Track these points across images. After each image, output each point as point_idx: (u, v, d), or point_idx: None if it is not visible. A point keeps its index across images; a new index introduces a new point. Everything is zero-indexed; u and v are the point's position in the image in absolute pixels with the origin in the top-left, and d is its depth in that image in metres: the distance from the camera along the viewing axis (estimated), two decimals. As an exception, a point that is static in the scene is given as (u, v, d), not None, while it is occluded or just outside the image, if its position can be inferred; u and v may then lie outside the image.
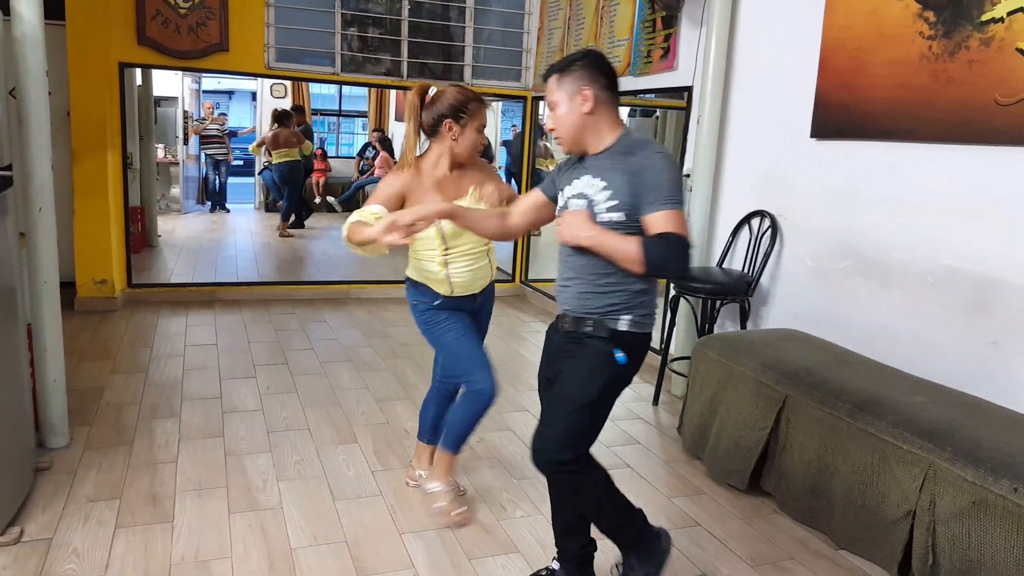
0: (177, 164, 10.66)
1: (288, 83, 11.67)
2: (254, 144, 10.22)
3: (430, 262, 2.66)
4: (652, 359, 4.73)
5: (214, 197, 10.96)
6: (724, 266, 4.10)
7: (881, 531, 2.58)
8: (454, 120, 2.58)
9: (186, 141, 10.86)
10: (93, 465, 3.09)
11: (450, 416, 2.82)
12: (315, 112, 12.81)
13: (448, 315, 2.73)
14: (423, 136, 2.67)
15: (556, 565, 2.39)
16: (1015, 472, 2.20)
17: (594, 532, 2.32)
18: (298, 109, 10.76)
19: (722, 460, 3.21)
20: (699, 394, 3.42)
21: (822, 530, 2.85)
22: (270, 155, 9.40)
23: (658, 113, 7.56)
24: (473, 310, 2.80)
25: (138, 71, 6.93)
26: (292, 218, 9.33)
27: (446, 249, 2.63)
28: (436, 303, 2.71)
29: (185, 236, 8.75)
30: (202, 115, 11.04)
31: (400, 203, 2.57)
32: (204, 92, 12.27)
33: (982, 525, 2.26)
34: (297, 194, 9.48)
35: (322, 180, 11.26)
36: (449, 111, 2.59)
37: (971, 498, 2.28)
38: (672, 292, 4.03)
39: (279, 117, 9.21)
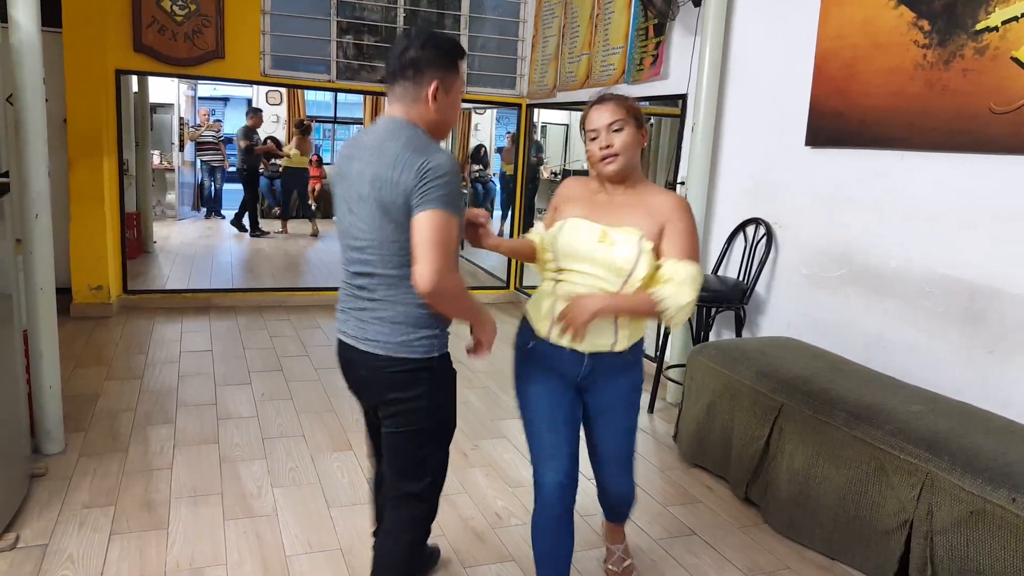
0: (173, 170, 10.66)
1: (283, 90, 11.70)
2: (289, 149, 10.49)
3: (545, 282, 2.19)
4: (648, 366, 4.74)
5: (209, 203, 10.96)
6: (719, 274, 4.11)
7: (875, 541, 2.58)
8: None
9: (182, 147, 10.85)
10: (88, 471, 3.08)
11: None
12: (310, 119, 12.82)
13: (536, 371, 2.17)
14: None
15: None
16: (1013, 482, 2.21)
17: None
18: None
19: (732, 470, 3.21)
20: (695, 402, 3.42)
21: (801, 543, 2.84)
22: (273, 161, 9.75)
23: (652, 121, 7.59)
24: (575, 379, 2.14)
25: (134, 78, 6.93)
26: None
27: (558, 270, 2.12)
28: (528, 345, 2.18)
29: (180, 242, 8.74)
30: (198, 122, 11.04)
31: None
32: (200, 99, 12.26)
33: (981, 535, 2.26)
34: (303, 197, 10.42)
35: (318, 187, 11.26)
36: None
37: (969, 508, 2.28)
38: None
39: (304, 128, 10.33)
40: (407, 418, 1.90)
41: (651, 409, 4.17)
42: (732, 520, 3.01)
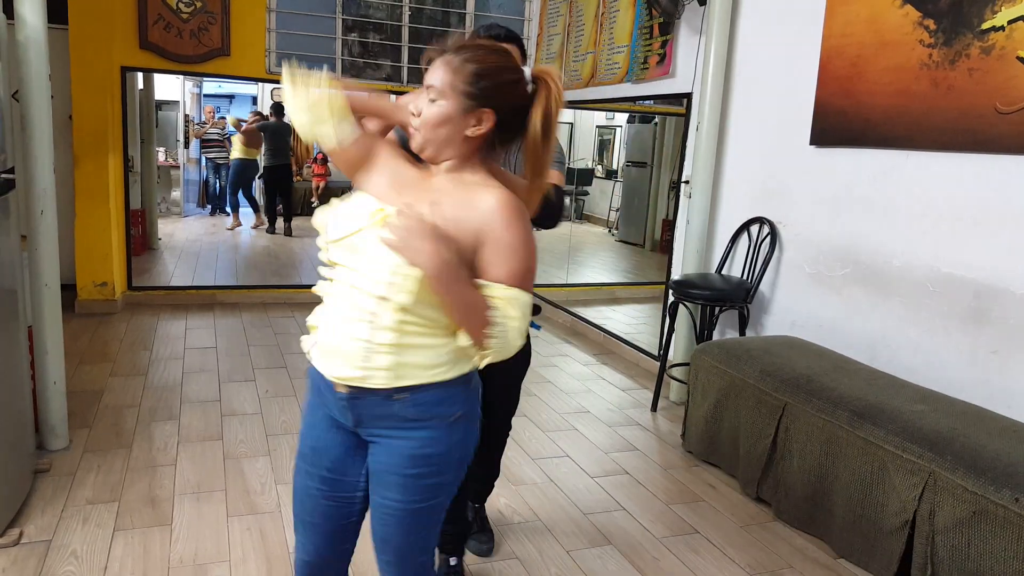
0: (178, 167, 10.69)
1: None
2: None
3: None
4: (651, 365, 4.74)
5: (214, 200, 10.98)
6: (723, 273, 4.11)
7: (878, 541, 2.58)
8: None
9: (187, 145, 10.88)
10: (92, 467, 3.09)
11: None
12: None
13: (309, 407, 1.60)
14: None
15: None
16: (1016, 482, 2.20)
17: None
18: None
19: (742, 468, 3.22)
20: (701, 401, 3.42)
21: (822, 537, 2.85)
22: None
23: (656, 120, 7.58)
24: (345, 423, 1.53)
25: (140, 75, 6.94)
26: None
27: (329, 261, 1.51)
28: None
29: (185, 239, 8.77)
30: (203, 119, 11.06)
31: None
32: (205, 96, 12.28)
33: (982, 535, 2.26)
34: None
35: (322, 184, 11.27)
36: None
37: (971, 508, 2.28)
38: (671, 298, 4.04)
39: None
40: None
41: (654, 408, 4.17)
42: (735, 518, 3.01)
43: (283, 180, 9.76)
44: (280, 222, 9.76)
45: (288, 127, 9.84)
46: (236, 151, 9.79)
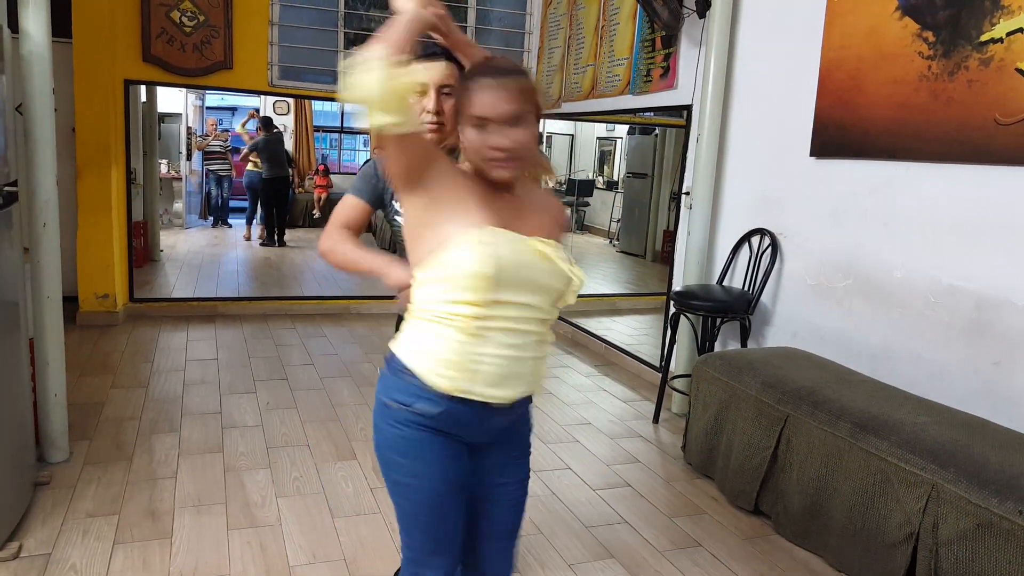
0: (180, 180, 10.72)
1: (291, 100, 11.76)
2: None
3: (448, 321, 1.48)
4: (653, 376, 4.73)
5: (216, 212, 11.01)
6: (724, 284, 4.11)
7: (881, 554, 2.56)
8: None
9: (189, 157, 10.91)
10: (92, 480, 3.08)
11: None
12: (317, 129, 12.89)
13: (429, 444, 1.54)
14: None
15: None
16: (1020, 494, 2.19)
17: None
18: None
19: (732, 480, 3.20)
20: (702, 413, 3.42)
21: (817, 552, 2.83)
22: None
23: (657, 131, 7.60)
24: (479, 442, 1.60)
25: (143, 88, 6.97)
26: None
27: (490, 302, 1.45)
28: (419, 407, 1.53)
29: (187, 251, 8.78)
30: (205, 131, 11.10)
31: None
32: (207, 108, 12.33)
33: (987, 548, 2.25)
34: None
35: (323, 196, 11.30)
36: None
37: (975, 520, 2.27)
38: (672, 309, 4.03)
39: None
40: None
41: (656, 419, 4.16)
42: (738, 532, 3.00)
43: (281, 192, 9.78)
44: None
45: (280, 139, 9.87)
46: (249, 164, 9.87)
